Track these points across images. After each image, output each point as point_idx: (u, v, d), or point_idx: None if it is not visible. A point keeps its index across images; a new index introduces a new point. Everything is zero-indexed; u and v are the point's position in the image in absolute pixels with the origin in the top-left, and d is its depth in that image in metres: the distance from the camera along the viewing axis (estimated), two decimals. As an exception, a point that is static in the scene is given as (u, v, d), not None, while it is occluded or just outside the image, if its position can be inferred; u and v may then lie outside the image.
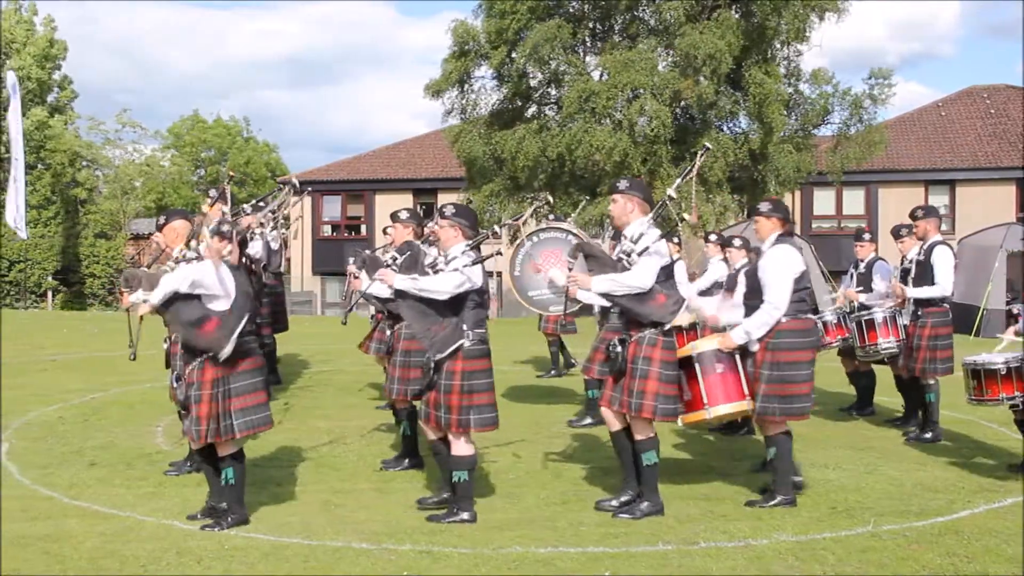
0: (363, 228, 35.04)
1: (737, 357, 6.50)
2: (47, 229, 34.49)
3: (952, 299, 9.03)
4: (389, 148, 37.15)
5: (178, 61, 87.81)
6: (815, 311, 7.04)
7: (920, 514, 6.32)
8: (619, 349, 6.24)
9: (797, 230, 27.73)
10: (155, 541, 5.74)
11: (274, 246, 10.82)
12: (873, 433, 9.26)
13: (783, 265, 6.49)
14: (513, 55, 24.40)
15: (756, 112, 23.50)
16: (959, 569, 5.31)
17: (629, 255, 6.17)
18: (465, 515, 6.14)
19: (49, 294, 33.39)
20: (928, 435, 8.79)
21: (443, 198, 30.19)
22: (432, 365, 6.07)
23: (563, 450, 8.39)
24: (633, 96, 23.20)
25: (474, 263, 5.98)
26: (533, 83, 25.58)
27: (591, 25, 25.48)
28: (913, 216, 9.05)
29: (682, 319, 8.99)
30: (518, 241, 8.52)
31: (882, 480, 7.29)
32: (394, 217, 8.12)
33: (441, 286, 5.95)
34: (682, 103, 23.92)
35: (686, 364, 6.49)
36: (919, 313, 8.81)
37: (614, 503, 6.43)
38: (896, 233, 9.18)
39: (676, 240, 9.93)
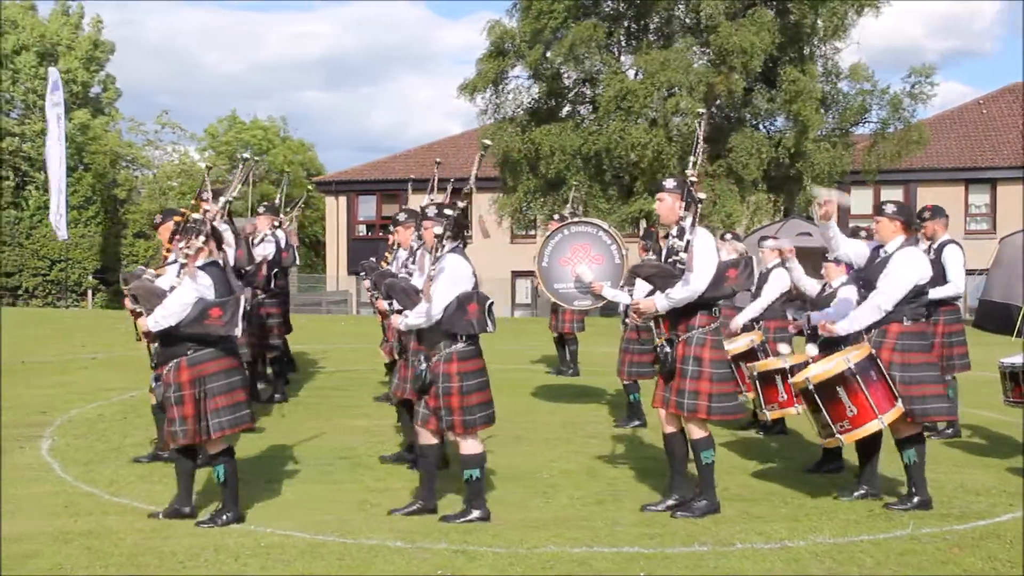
0: (397, 228, 35.13)
1: (880, 363, 6.38)
2: (87, 229, 34.91)
3: (993, 298, 8.90)
4: (424, 148, 37.25)
5: (217, 63, 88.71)
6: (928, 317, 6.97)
7: (960, 517, 6.25)
8: (667, 350, 6.21)
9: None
10: (193, 538, 5.80)
11: (282, 243, 10.84)
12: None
13: (911, 267, 6.43)
14: (548, 54, 24.41)
15: (790, 110, 23.34)
16: (1000, 573, 5.24)
17: (678, 253, 6.13)
18: (477, 513, 6.12)
19: (89, 293, 33.83)
20: (949, 431, 8.76)
21: (478, 198, 30.18)
22: (425, 367, 6.06)
23: (598, 450, 8.37)
24: (669, 94, 23.11)
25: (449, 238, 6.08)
26: (568, 82, 25.54)
27: (627, 24, 25.42)
28: (920, 217, 8.89)
29: (740, 343, 8.70)
30: (548, 232, 8.51)
31: (921, 482, 7.19)
32: (395, 222, 8.13)
33: (437, 310, 5.98)
34: (717, 101, 23.79)
35: (838, 382, 6.33)
36: (930, 312, 8.71)
37: (660, 507, 6.40)
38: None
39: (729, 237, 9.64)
